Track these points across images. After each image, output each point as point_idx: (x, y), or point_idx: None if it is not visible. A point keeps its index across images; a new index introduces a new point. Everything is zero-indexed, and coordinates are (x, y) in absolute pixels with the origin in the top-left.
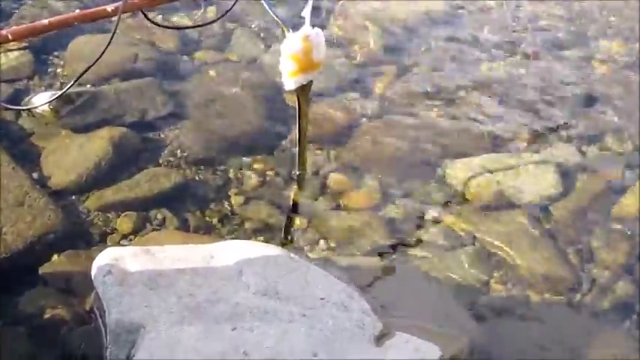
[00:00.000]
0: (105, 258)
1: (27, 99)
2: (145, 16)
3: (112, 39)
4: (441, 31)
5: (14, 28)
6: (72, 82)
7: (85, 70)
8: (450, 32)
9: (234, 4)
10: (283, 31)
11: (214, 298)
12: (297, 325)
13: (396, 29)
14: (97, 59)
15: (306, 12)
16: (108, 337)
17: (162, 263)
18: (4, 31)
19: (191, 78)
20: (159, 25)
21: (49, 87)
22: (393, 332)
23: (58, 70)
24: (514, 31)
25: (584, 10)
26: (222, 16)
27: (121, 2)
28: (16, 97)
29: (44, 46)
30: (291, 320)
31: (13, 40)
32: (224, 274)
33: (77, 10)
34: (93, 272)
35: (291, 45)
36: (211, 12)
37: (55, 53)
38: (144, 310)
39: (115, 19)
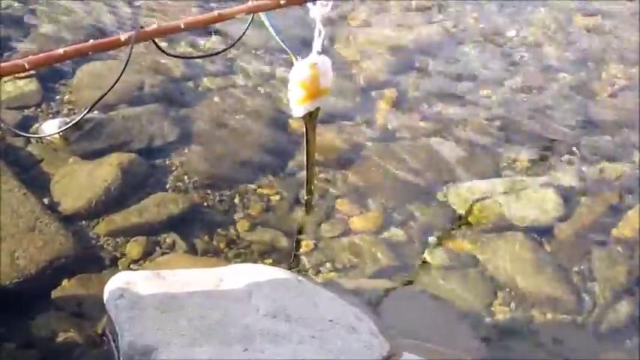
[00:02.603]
0: (117, 282)
1: (36, 126)
2: (157, 45)
3: (125, 68)
4: (442, 58)
5: (31, 57)
6: (85, 112)
7: (98, 100)
8: (451, 58)
9: (243, 33)
10: (292, 58)
11: (225, 321)
12: (306, 346)
13: (397, 56)
14: (110, 89)
15: (316, 40)
16: None
17: (173, 287)
18: (21, 61)
19: (197, 104)
20: (170, 55)
21: (57, 114)
22: (401, 353)
23: (66, 97)
24: (514, 56)
25: (583, 36)
26: (233, 44)
27: (133, 32)
28: (25, 124)
29: (51, 74)
30: (300, 342)
31: (29, 70)
32: (234, 297)
33: (91, 40)
34: (105, 296)
35: (299, 72)
36: (217, 39)
37: (62, 81)
38: (156, 332)
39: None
